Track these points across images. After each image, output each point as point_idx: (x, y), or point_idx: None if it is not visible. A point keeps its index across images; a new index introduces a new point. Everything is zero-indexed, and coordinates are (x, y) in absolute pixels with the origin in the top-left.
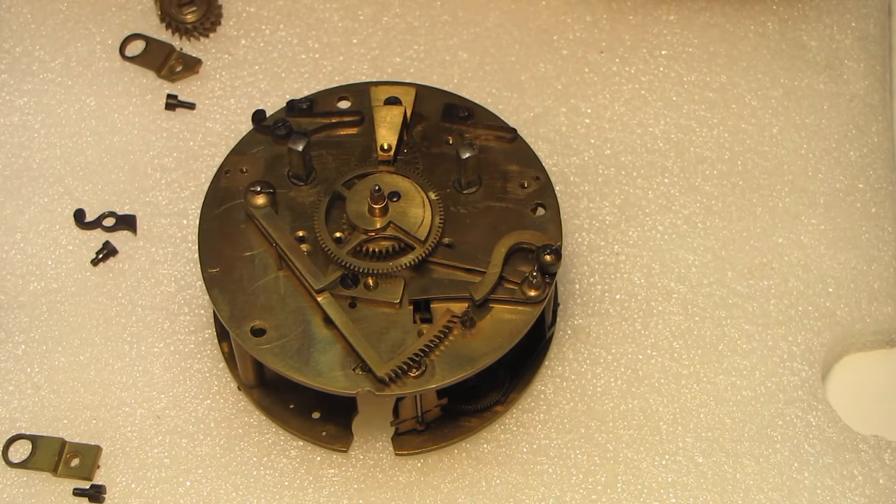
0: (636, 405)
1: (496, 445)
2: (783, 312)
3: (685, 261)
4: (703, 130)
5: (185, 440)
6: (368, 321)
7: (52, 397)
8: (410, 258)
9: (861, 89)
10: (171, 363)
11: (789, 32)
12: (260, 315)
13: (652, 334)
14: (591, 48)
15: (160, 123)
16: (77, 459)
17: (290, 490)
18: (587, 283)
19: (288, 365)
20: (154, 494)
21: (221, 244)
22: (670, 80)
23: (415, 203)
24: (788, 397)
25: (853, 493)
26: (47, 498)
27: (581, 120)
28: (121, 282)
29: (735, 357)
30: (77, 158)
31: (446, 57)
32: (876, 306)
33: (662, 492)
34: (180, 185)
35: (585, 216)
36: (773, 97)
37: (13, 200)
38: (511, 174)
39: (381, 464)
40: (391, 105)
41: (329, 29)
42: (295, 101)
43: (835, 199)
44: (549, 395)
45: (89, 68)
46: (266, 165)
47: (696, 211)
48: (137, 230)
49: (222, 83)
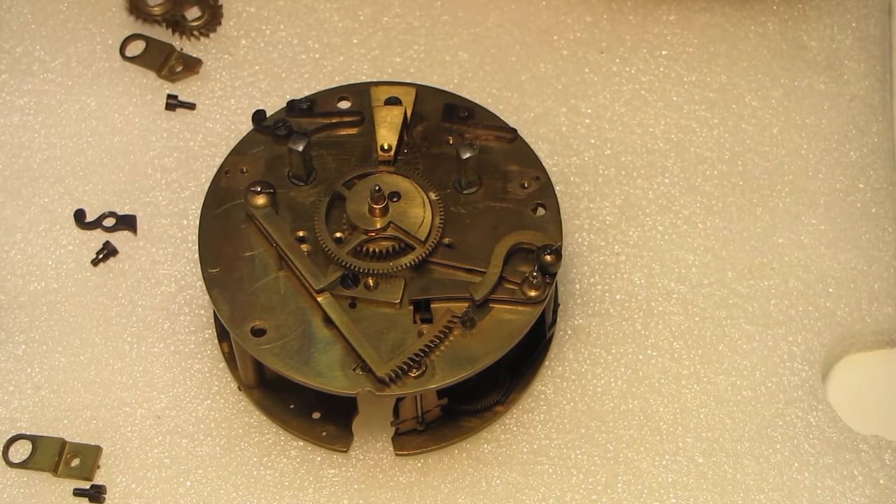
0: (636, 405)
1: (496, 445)
2: (783, 312)
3: (685, 261)
4: (703, 130)
5: (185, 440)
6: (368, 321)
7: (52, 397)
8: (411, 258)
9: (861, 89)
10: (172, 363)
11: (790, 33)
12: (260, 315)
13: (652, 334)
14: (591, 48)
15: (160, 123)
16: (77, 459)
17: (290, 490)
18: (587, 283)
19: (288, 365)
20: (154, 494)
21: (222, 244)
22: (671, 80)
23: (415, 203)
24: (789, 397)
25: (853, 494)
26: (47, 498)
27: (581, 120)
28: (121, 282)
29: (735, 357)
30: (77, 158)
31: (446, 57)
32: (876, 306)
33: (663, 492)
34: (180, 185)
35: (586, 216)
36: (773, 97)
37: (13, 200)
38: (511, 174)
39: (382, 464)
40: (391, 105)
41: (329, 29)
42: (295, 102)
43: (835, 200)
44: (549, 396)
45: (89, 68)
46: (266, 165)
47: (697, 211)
48: (138, 230)
49: (222, 83)
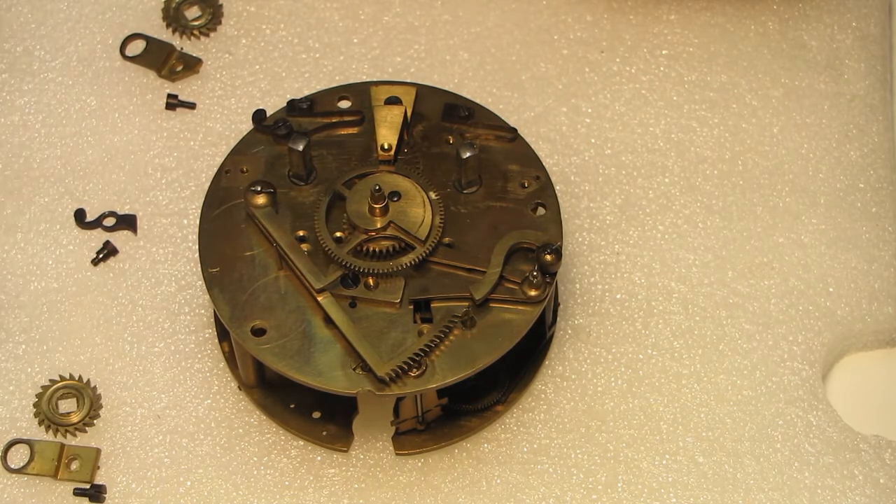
0: (637, 405)
1: (496, 445)
2: (784, 312)
3: (686, 260)
4: (703, 130)
5: (185, 440)
6: (369, 321)
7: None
8: (411, 258)
9: (862, 89)
10: (172, 363)
11: (790, 32)
12: (260, 315)
13: (652, 334)
14: (591, 48)
15: (160, 123)
16: (77, 462)
17: (290, 490)
18: (587, 282)
19: (288, 365)
20: (154, 494)
21: (222, 244)
22: (671, 79)
23: (415, 203)
24: (789, 397)
25: (854, 493)
26: (48, 498)
27: (581, 119)
28: (121, 281)
29: (735, 357)
30: (77, 158)
31: (447, 56)
32: (876, 306)
33: (663, 491)
34: (181, 184)
35: (586, 216)
36: (773, 97)
37: (13, 200)
38: (511, 174)
39: (382, 463)
40: (391, 105)
41: (329, 28)
42: (295, 101)
43: (835, 199)
44: (549, 395)
45: (89, 68)
46: (266, 165)
47: (697, 210)
48: (138, 230)
49: (223, 83)
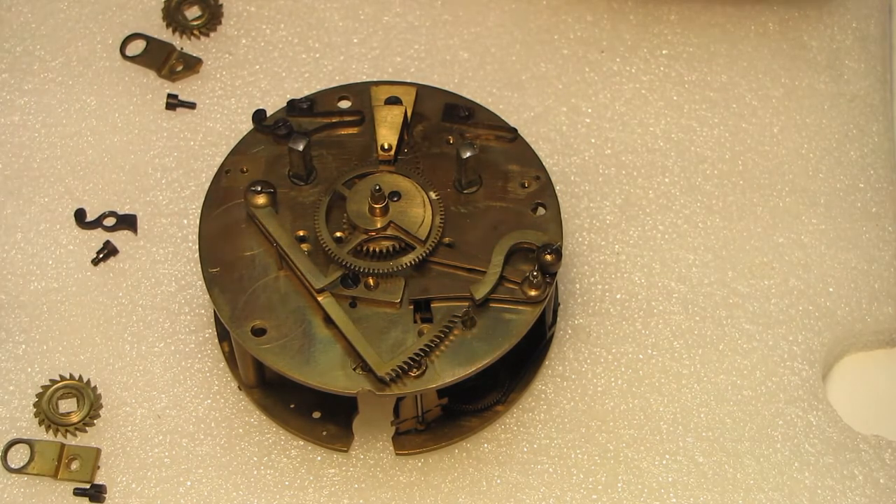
0: (637, 405)
1: (497, 445)
2: (784, 312)
3: (686, 260)
4: (703, 130)
5: (185, 440)
6: (369, 321)
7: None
8: (411, 258)
9: (862, 89)
10: (172, 363)
11: (790, 32)
12: (260, 315)
13: (652, 334)
14: (591, 48)
15: (160, 123)
16: (77, 462)
17: (290, 490)
18: (588, 282)
19: (288, 365)
20: (154, 494)
21: (222, 244)
22: (671, 79)
23: (415, 203)
24: (789, 397)
25: (854, 493)
26: (48, 498)
27: (582, 119)
28: (121, 281)
29: (736, 357)
30: (77, 158)
31: (447, 56)
32: (876, 306)
33: (663, 491)
34: (181, 184)
35: (586, 216)
36: (773, 97)
37: (14, 200)
38: (511, 174)
39: (382, 463)
40: (392, 105)
41: (329, 28)
42: (295, 101)
43: (835, 199)
44: (549, 395)
45: (90, 68)
46: (266, 165)
47: (697, 210)
48: (138, 230)
49: (223, 83)
